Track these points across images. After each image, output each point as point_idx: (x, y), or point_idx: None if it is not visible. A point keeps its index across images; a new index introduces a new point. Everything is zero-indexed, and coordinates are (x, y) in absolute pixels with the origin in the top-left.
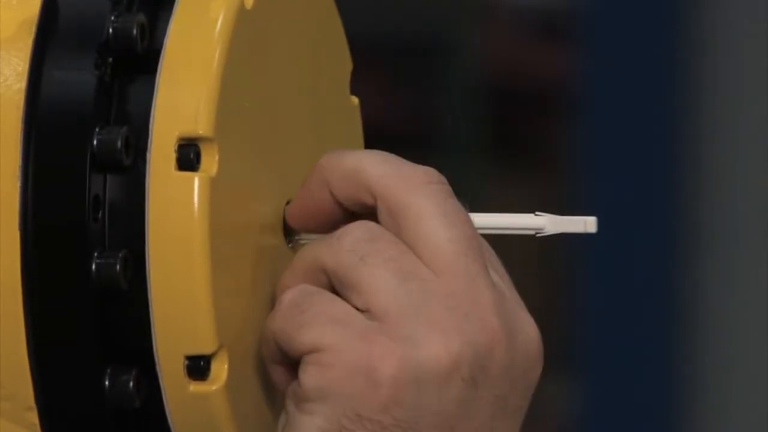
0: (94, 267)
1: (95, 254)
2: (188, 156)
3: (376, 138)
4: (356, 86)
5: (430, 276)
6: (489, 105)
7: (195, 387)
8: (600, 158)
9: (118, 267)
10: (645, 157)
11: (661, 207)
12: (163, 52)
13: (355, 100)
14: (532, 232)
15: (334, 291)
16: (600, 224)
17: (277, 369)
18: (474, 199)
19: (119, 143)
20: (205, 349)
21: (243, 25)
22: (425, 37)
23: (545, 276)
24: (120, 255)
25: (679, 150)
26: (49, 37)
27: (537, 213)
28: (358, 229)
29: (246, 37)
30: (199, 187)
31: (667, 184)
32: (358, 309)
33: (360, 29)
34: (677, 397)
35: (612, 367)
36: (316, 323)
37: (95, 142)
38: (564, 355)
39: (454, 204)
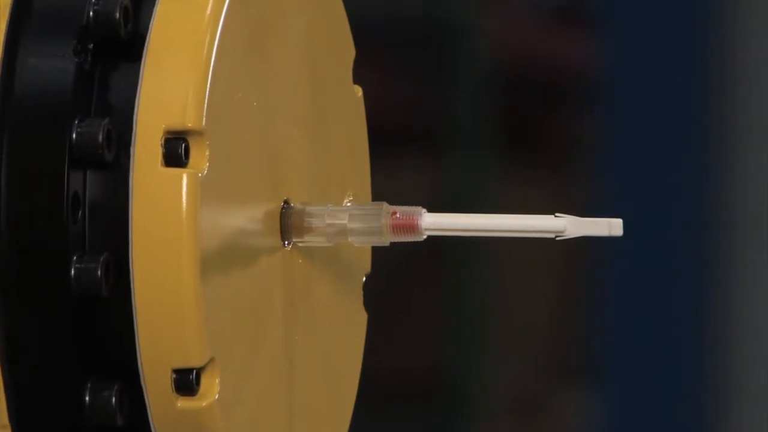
0: (73, 272)
1: (74, 258)
2: (176, 151)
3: (378, 133)
4: (359, 76)
5: None
6: (501, 97)
7: (183, 403)
8: (624, 154)
9: (99, 272)
10: (673, 153)
11: (690, 207)
12: (148, 37)
13: (359, 90)
14: (551, 235)
15: None
16: (625, 226)
17: None
18: (486, 200)
19: (100, 137)
20: (194, 362)
21: (236, 7)
22: (431, 23)
23: (565, 280)
24: (101, 259)
25: (710, 144)
26: (24, 21)
27: (557, 214)
28: None
29: (240, 21)
30: (188, 184)
31: (697, 182)
32: None
33: (359, 14)
34: (705, 411)
35: (635, 378)
36: None
37: (74, 136)
38: (583, 365)
39: None
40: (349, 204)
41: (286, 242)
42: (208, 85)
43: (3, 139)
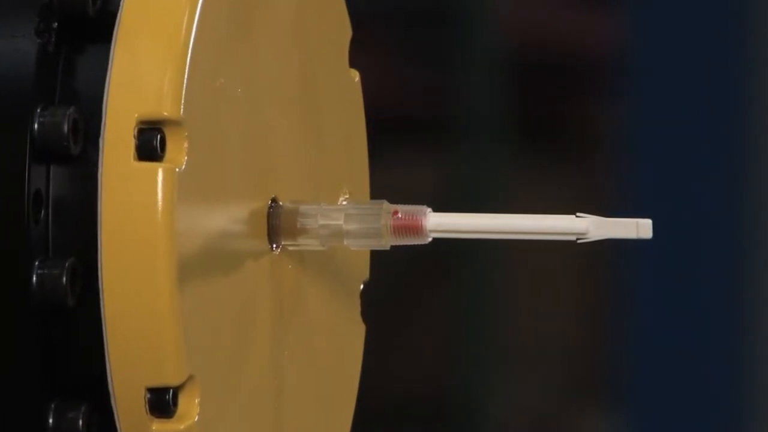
0: (34, 279)
1: (36, 263)
2: (150, 143)
3: (377, 123)
4: (356, 59)
5: None
6: (516, 82)
7: (159, 426)
8: (653, 146)
9: (64, 279)
10: (707, 145)
11: (728, 206)
12: (119, 14)
13: (356, 74)
14: (572, 238)
15: None
16: (654, 227)
17: None
18: (499, 198)
19: (66, 127)
20: (171, 380)
21: None
22: (439, 0)
23: (586, 289)
24: (66, 264)
25: (749, 134)
26: None
27: (578, 214)
28: None
29: None
30: (164, 180)
31: (735, 178)
32: None
33: None
34: None
35: (663, 398)
36: None
37: (36, 126)
38: (607, 384)
39: None
40: (344, 203)
41: (275, 245)
42: (187, 69)
43: None
